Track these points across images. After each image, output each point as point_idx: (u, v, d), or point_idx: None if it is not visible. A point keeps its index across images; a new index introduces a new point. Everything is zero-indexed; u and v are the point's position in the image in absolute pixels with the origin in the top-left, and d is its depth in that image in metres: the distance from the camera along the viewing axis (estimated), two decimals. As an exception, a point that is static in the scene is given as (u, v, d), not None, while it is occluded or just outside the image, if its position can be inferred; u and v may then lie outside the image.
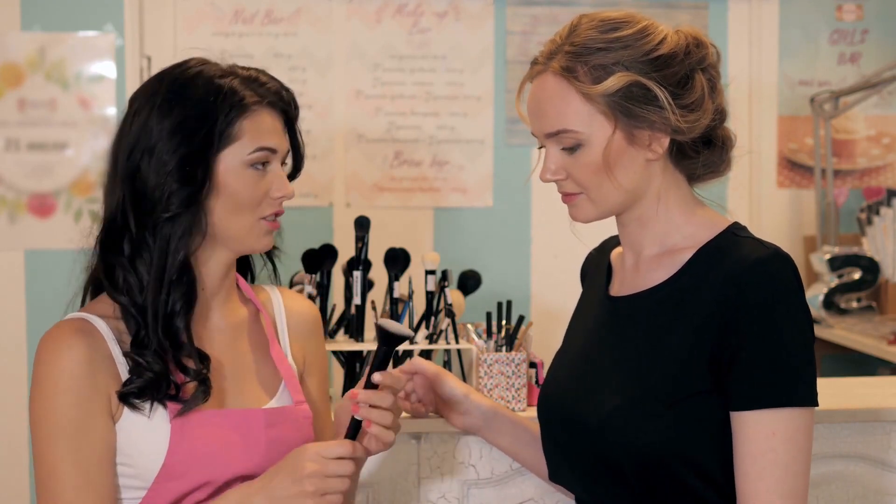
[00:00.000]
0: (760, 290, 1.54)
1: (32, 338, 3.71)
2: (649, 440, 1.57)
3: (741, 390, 1.55)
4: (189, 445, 1.63)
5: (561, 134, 1.61)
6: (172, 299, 1.65)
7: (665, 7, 3.91)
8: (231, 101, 1.66)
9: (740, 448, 1.55)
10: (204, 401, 1.65)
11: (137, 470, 1.63)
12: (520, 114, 1.70)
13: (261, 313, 1.81)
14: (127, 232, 1.66)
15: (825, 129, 3.93)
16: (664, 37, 1.61)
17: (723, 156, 1.69)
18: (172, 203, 1.64)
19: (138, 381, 1.62)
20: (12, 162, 3.70)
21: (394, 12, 3.87)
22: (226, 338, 1.75)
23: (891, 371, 3.62)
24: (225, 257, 1.72)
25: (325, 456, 1.58)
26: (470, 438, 2.07)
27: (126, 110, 1.71)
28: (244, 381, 1.74)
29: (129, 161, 1.66)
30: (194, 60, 1.71)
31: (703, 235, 1.65)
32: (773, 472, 1.53)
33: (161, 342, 1.64)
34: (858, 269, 3.90)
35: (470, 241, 3.90)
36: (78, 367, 1.61)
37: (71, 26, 3.71)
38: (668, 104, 1.58)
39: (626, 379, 1.61)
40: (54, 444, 1.60)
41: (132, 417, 1.63)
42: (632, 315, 1.66)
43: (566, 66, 1.60)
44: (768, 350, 1.54)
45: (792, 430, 1.54)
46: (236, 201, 1.67)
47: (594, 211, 1.65)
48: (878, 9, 4.10)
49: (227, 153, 1.66)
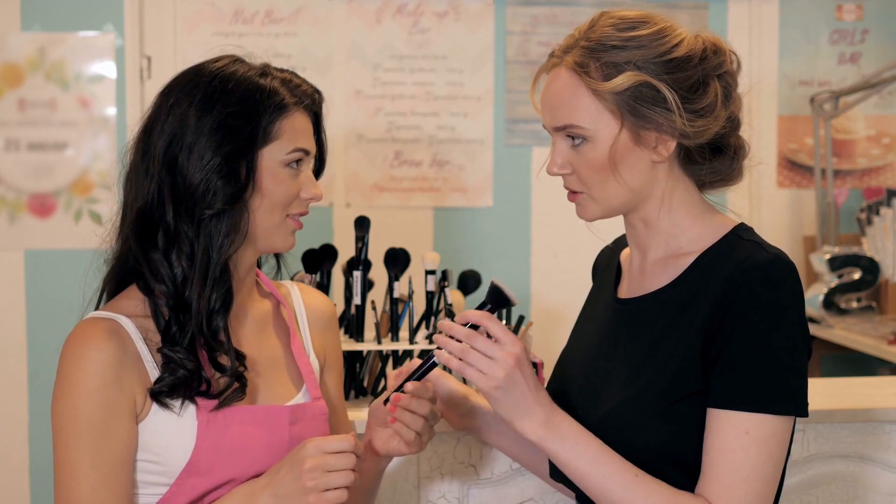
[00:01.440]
0: (757, 293, 1.53)
1: (32, 338, 3.71)
2: (647, 440, 1.57)
3: (721, 388, 1.54)
4: (215, 442, 1.63)
5: (568, 128, 1.61)
6: (214, 297, 1.65)
7: (665, 7, 3.91)
8: (273, 100, 1.67)
9: (711, 443, 1.54)
10: (239, 399, 1.65)
11: (165, 466, 1.63)
12: (534, 104, 1.70)
13: (283, 307, 1.81)
14: (163, 225, 1.66)
15: (825, 129, 3.93)
16: (681, 40, 1.61)
17: (733, 164, 1.67)
18: (217, 200, 1.64)
19: (170, 378, 1.62)
20: (12, 162, 3.70)
21: (394, 12, 3.87)
22: (253, 332, 1.75)
23: (891, 371, 3.62)
24: (253, 255, 1.73)
25: (324, 450, 1.57)
26: (470, 438, 2.07)
27: (158, 101, 1.70)
28: (274, 377, 1.74)
29: (167, 154, 1.65)
30: (228, 58, 1.72)
31: (708, 239, 1.64)
32: (739, 471, 1.52)
33: (196, 338, 1.64)
34: (858, 269, 3.90)
35: (470, 241, 3.90)
36: (105, 370, 1.60)
37: (71, 26, 3.71)
38: (676, 107, 1.58)
39: (625, 380, 1.62)
40: (75, 445, 1.59)
41: (161, 414, 1.63)
42: (636, 317, 1.66)
43: (579, 61, 1.60)
44: (753, 352, 1.52)
45: (765, 435, 1.52)
46: (272, 200, 1.68)
47: (597, 209, 1.65)
48: (878, 9, 4.10)
49: (267, 152, 1.67)
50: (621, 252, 1.79)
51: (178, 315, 1.65)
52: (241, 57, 1.73)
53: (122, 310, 1.67)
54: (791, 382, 1.53)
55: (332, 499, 1.56)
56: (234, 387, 1.65)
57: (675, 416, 1.57)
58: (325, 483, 1.56)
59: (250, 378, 1.69)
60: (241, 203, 1.65)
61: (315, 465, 1.56)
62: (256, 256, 1.75)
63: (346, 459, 1.57)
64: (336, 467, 1.56)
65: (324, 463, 1.56)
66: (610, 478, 1.55)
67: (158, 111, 1.69)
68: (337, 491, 1.56)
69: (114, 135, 3.71)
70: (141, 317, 1.66)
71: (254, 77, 1.69)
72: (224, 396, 1.64)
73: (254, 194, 1.67)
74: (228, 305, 1.68)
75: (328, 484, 1.56)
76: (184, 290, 1.65)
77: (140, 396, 1.63)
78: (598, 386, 1.65)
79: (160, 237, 1.66)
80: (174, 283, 1.65)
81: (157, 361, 1.64)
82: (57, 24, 3.70)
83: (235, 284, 1.70)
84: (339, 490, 1.57)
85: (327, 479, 1.56)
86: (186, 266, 1.65)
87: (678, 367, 1.57)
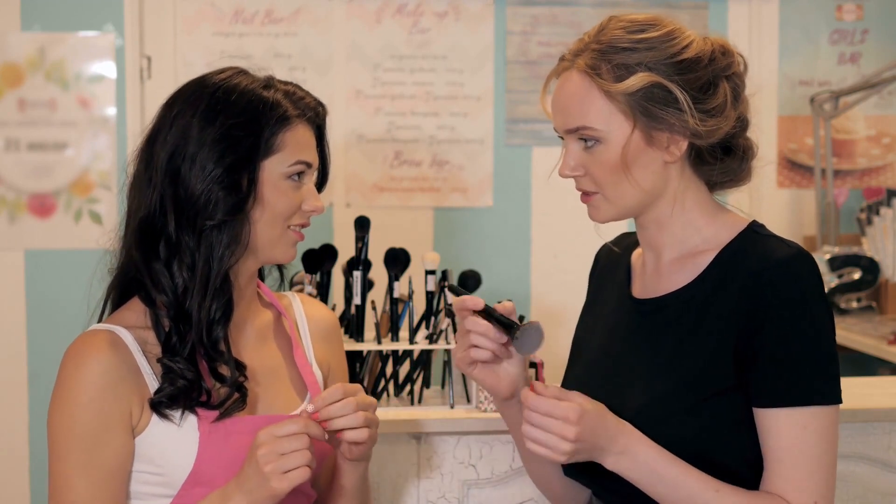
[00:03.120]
0: (785, 289, 1.56)
1: (32, 338, 3.71)
2: (677, 437, 1.58)
3: (768, 387, 1.56)
4: (218, 451, 1.64)
5: (581, 130, 1.63)
6: (214, 307, 1.66)
7: (665, 7, 3.91)
8: (276, 112, 1.68)
9: (770, 443, 1.57)
10: (240, 409, 1.66)
11: (166, 477, 1.64)
12: (544, 108, 1.71)
13: (284, 318, 1.82)
14: (164, 235, 1.66)
15: (825, 129, 3.93)
16: (690, 41, 1.63)
17: (742, 164, 1.69)
18: (218, 211, 1.65)
19: (170, 388, 1.63)
20: (12, 162, 3.70)
21: (394, 12, 3.87)
22: (254, 343, 1.76)
23: (891, 371, 3.62)
24: (254, 266, 1.74)
25: (276, 434, 1.56)
26: (470, 438, 2.08)
27: (161, 113, 1.71)
28: (276, 386, 1.75)
29: (170, 165, 1.66)
30: (232, 69, 1.73)
31: (724, 237, 1.66)
32: (806, 466, 1.55)
33: (196, 349, 1.64)
34: (858, 269, 3.90)
35: (470, 241, 3.90)
36: (102, 381, 1.61)
37: (71, 26, 3.71)
38: (688, 108, 1.60)
39: (653, 378, 1.63)
40: (68, 456, 1.61)
41: (161, 425, 1.63)
42: (658, 317, 1.67)
43: (591, 63, 1.62)
44: (793, 348, 1.55)
45: (822, 426, 1.56)
46: (273, 212, 1.68)
47: (611, 210, 1.66)
48: (878, 9, 4.10)
49: (269, 164, 1.68)
50: (632, 253, 1.80)
51: (178, 325, 1.65)
52: (245, 69, 1.74)
53: (122, 321, 1.68)
54: (831, 371, 1.57)
55: (295, 477, 1.56)
56: (235, 397, 1.65)
57: (705, 414, 1.58)
58: (282, 465, 1.55)
59: (250, 388, 1.69)
60: (242, 214, 1.66)
61: (268, 450, 1.56)
62: (257, 267, 1.75)
63: (299, 440, 1.56)
64: (289, 449, 1.56)
65: (278, 447, 1.56)
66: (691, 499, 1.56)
67: (162, 122, 1.70)
68: (297, 470, 1.56)
69: (114, 135, 3.71)
70: (141, 328, 1.67)
71: (257, 89, 1.70)
72: (225, 407, 1.64)
73: (255, 206, 1.67)
74: (229, 316, 1.68)
75: (285, 466, 1.55)
76: (184, 301, 1.65)
77: (137, 408, 1.63)
78: (623, 386, 1.65)
79: (162, 247, 1.67)
80: (175, 294, 1.66)
81: (156, 373, 1.65)
82: (57, 24, 3.70)
83: (236, 295, 1.71)
84: (299, 469, 1.56)
85: (283, 462, 1.55)
86: (187, 276, 1.66)
87: (707, 365, 1.59)
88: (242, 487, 1.58)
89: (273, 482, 1.55)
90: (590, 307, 1.84)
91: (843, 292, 3.90)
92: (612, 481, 1.63)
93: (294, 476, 1.55)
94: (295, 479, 1.55)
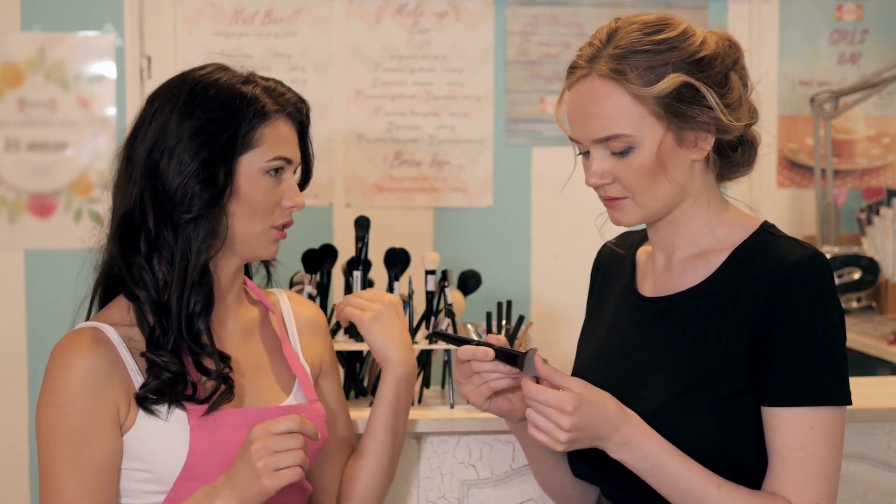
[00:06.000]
0: (801, 291, 1.56)
1: (32, 338, 3.71)
2: (694, 438, 1.58)
3: (779, 386, 1.56)
4: (210, 445, 1.64)
5: (613, 139, 1.60)
6: (194, 300, 1.67)
7: (665, 7, 3.91)
8: (254, 107, 1.68)
9: (777, 442, 1.56)
10: (229, 400, 1.66)
11: (156, 474, 1.64)
12: (558, 121, 1.68)
13: (271, 314, 1.82)
14: (144, 230, 1.67)
15: (825, 129, 3.93)
16: (704, 38, 1.63)
17: (752, 154, 1.70)
18: (195, 204, 1.65)
19: (155, 381, 1.63)
20: (12, 162, 3.70)
21: (394, 12, 3.87)
22: (240, 338, 1.76)
23: (891, 371, 3.62)
24: (236, 261, 1.74)
25: (270, 431, 1.56)
26: (470, 438, 2.08)
27: (143, 109, 1.72)
28: (261, 380, 1.75)
29: (149, 160, 1.67)
30: (213, 65, 1.73)
31: (737, 236, 1.66)
32: (811, 466, 1.55)
33: (179, 341, 1.65)
34: (858, 269, 3.90)
35: (470, 241, 3.90)
36: (87, 379, 1.61)
37: (71, 26, 3.71)
38: (716, 104, 1.59)
39: (668, 378, 1.62)
40: (57, 454, 1.61)
41: (148, 421, 1.63)
42: (669, 316, 1.66)
43: (615, 68, 1.59)
44: (807, 348, 1.55)
45: (829, 427, 1.56)
46: (251, 207, 1.69)
47: (639, 214, 1.65)
48: (878, 9, 4.10)
49: (246, 158, 1.68)
50: (636, 251, 1.79)
51: (160, 319, 1.65)
52: (226, 65, 1.74)
53: (108, 319, 1.68)
54: (842, 372, 1.58)
55: (286, 476, 1.55)
56: (222, 389, 1.65)
57: (722, 414, 1.58)
58: (275, 463, 1.55)
59: (236, 381, 1.69)
60: (218, 208, 1.67)
61: (262, 445, 1.55)
62: (241, 263, 1.76)
63: (294, 440, 1.56)
64: (283, 447, 1.55)
65: (272, 443, 1.55)
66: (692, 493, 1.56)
67: (143, 118, 1.71)
68: (289, 469, 1.55)
69: (114, 135, 3.71)
70: (125, 325, 1.67)
71: (236, 84, 1.70)
72: (213, 399, 1.64)
73: (232, 200, 1.68)
74: (209, 309, 1.68)
75: (277, 464, 1.55)
76: (164, 295, 1.66)
77: (124, 404, 1.63)
78: (636, 386, 1.64)
79: (142, 242, 1.68)
80: (156, 288, 1.66)
81: (141, 369, 1.65)
82: (57, 24, 3.70)
83: (219, 290, 1.71)
84: (291, 468, 1.56)
85: (276, 459, 1.55)
86: (167, 271, 1.66)
87: (724, 365, 1.59)
88: (232, 483, 1.57)
89: (264, 479, 1.55)
90: (595, 305, 1.84)
91: (843, 292, 3.90)
92: (621, 479, 1.63)
93: (285, 475, 1.55)
94: (286, 478, 1.55)
